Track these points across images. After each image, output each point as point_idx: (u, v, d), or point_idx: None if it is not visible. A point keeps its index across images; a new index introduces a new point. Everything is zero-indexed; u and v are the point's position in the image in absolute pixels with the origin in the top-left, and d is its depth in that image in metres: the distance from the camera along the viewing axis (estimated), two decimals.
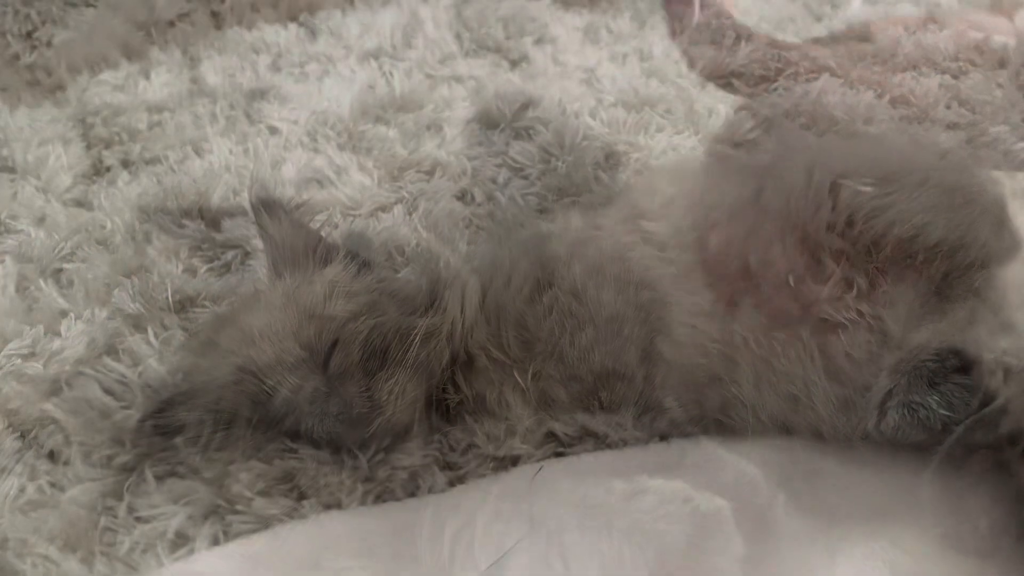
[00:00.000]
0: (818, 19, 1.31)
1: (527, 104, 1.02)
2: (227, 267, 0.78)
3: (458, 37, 1.14)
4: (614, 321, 0.64)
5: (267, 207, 0.66)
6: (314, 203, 0.81)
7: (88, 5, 1.14)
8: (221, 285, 0.69)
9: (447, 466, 0.66)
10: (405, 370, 0.62)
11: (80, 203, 0.86)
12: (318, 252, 0.61)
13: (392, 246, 0.80)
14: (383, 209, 0.87)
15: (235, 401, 0.61)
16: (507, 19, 1.16)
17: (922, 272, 0.64)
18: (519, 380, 0.66)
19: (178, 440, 0.63)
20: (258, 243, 0.64)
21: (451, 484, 0.65)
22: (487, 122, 1.00)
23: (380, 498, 0.64)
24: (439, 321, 0.59)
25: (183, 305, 0.74)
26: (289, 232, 0.63)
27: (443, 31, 1.14)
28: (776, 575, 0.57)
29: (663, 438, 0.69)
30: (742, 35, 1.14)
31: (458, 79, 1.07)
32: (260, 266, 0.63)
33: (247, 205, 0.71)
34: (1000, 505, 0.61)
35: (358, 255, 0.61)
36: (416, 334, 0.60)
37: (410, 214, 0.86)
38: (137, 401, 0.65)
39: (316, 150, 0.95)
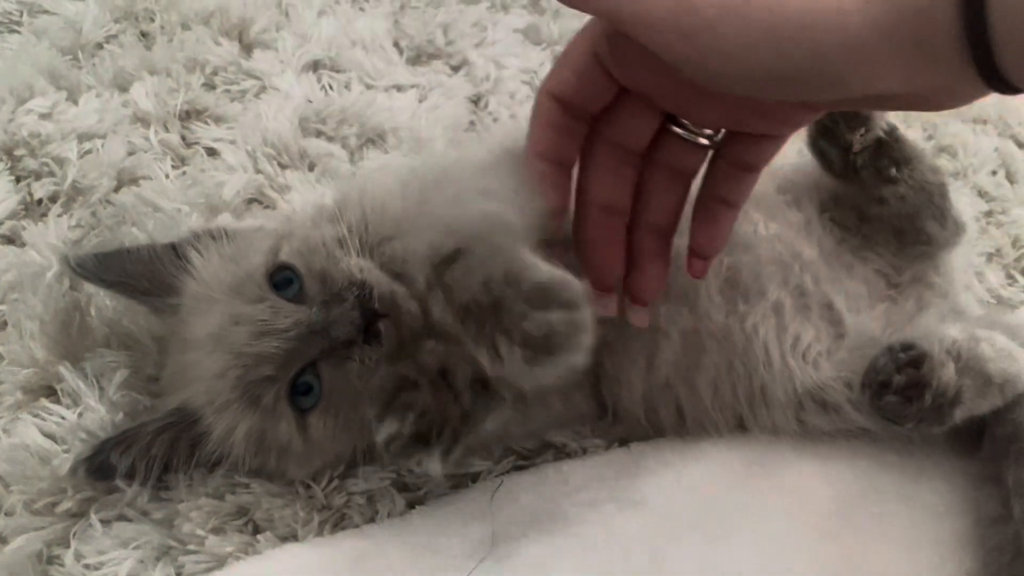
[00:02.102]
0: None
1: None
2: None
3: (396, 45, 1.12)
4: None
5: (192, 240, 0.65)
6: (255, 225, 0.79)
7: (12, 31, 1.10)
8: (162, 323, 0.67)
9: (405, 488, 0.65)
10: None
11: (10, 240, 0.83)
12: (245, 288, 0.59)
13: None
14: None
15: (172, 442, 0.59)
16: (446, 25, 1.14)
17: None
18: None
19: (118, 483, 0.61)
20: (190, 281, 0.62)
21: (410, 506, 0.64)
22: None
23: (338, 526, 0.62)
24: (374, 351, 0.58)
25: (123, 343, 0.71)
26: (218, 266, 0.61)
27: (382, 40, 1.12)
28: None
29: (623, 443, 0.68)
30: None
31: (399, 88, 1.06)
32: (190, 302, 0.61)
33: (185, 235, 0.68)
34: (955, 492, 0.62)
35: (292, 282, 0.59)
36: (351, 368, 0.58)
37: None
38: (76, 445, 0.63)
39: (257, 170, 0.93)
